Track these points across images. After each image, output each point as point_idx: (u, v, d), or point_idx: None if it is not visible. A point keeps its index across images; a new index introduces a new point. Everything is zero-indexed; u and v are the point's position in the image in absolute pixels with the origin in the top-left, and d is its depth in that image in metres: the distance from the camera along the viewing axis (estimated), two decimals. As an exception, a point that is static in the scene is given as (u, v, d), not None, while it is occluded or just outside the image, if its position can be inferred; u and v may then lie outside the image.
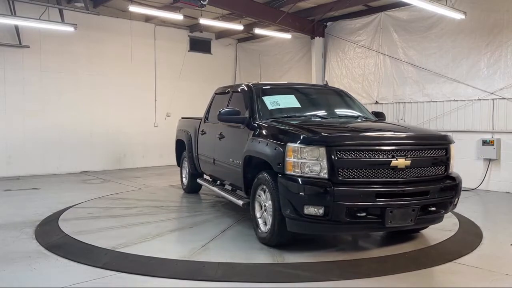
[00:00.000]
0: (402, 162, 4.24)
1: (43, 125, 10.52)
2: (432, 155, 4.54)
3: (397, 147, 4.34)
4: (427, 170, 4.48)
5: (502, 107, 8.32)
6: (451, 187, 4.57)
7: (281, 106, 5.71)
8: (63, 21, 9.62)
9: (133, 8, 9.52)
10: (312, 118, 5.56)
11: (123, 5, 10.46)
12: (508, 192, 8.23)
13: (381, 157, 4.24)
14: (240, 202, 5.41)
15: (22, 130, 10.28)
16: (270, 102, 5.67)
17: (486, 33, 8.48)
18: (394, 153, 4.27)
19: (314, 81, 11.32)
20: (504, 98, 8.26)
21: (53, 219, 5.95)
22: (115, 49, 11.66)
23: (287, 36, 11.74)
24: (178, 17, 10.17)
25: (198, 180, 7.44)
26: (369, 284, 3.80)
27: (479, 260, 4.41)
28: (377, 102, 10.27)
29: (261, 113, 5.39)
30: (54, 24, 9.39)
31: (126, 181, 9.59)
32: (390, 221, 4.16)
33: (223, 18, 10.82)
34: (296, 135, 4.38)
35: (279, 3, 10.38)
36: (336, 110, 6.10)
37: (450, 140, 4.76)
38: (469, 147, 8.53)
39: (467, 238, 5.23)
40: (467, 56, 8.76)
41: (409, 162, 4.28)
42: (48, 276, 3.95)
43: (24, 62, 10.28)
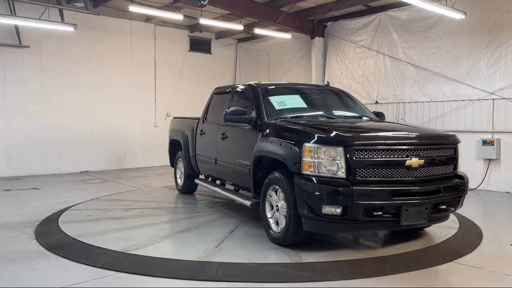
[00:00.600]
0: (415, 162, 4.34)
1: (43, 125, 10.52)
2: (443, 154, 4.66)
3: (411, 146, 4.45)
4: (438, 169, 4.60)
5: (502, 107, 8.32)
6: (460, 186, 4.71)
7: (288, 106, 5.74)
8: (63, 21, 9.62)
9: (133, 8, 9.53)
10: (319, 118, 5.58)
11: (123, 5, 10.46)
12: (508, 192, 8.23)
13: (396, 156, 4.33)
14: (247, 203, 5.39)
15: (22, 130, 10.28)
16: (277, 102, 5.67)
17: (486, 33, 8.48)
18: (408, 153, 4.36)
19: (314, 81, 11.32)
20: (504, 98, 8.26)
21: (53, 219, 5.94)
22: (115, 49, 11.66)
23: (287, 36, 11.74)
24: (178, 17, 10.18)
25: (196, 181, 7.38)
26: (369, 284, 3.80)
27: (479, 260, 4.41)
28: (377, 102, 10.27)
29: (268, 113, 5.38)
30: (54, 24, 9.39)
31: (126, 181, 9.59)
32: (405, 219, 4.24)
33: (223, 18, 10.82)
34: (313, 135, 4.40)
35: (279, 3, 10.38)
36: (340, 110, 6.15)
37: (458, 140, 4.90)
38: (469, 147, 8.53)
39: (467, 238, 5.23)
40: (467, 56, 8.76)
41: (422, 161, 4.38)
42: (48, 276, 3.94)
43: (24, 62, 10.28)
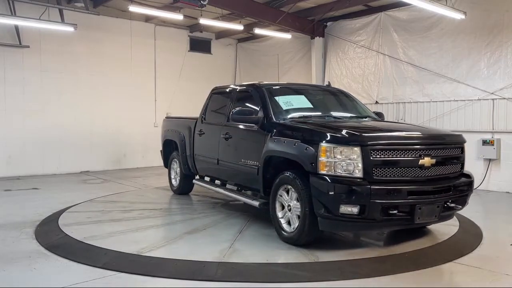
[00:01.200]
0: (428, 161, 4.44)
1: (43, 125, 10.52)
2: (452, 153, 4.80)
3: (424, 146, 4.55)
4: (447, 168, 4.72)
5: (502, 107, 8.32)
6: (468, 184, 4.87)
7: (295, 106, 5.75)
8: (63, 21, 9.62)
9: (133, 8, 9.53)
10: (326, 118, 5.62)
11: (123, 5, 10.46)
12: (508, 192, 8.23)
13: (410, 156, 4.42)
14: (255, 203, 5.40)
15: (22, 130, 10.28)
16: (283, 102, 5.68)
17: (486, 33, 8.48)
18: (421, 152, 4.46)
19: (314, 81, 11.32)
20: (504, 98, 8.26)
21: (53, 219, 5.94)
22: (115, 49, 11.66)
23: (287, 36, 11.74)
24: (178, 17, 10.18)
25: (195, 181, 7.32)
26: (369, 284, 3.80)
27: (479, 260, 4.40)
28: (377, 102, 10.27)
29: (276, 113, 5.38)
30: (54, 24, 9.39)
31: (126, 181, 9.59)
32: (418, 218, 4.34)
33: (223, 18, 10.82)
34: (330, 135, 4.43)
35: (279, 3, 10.38)
36: (344, 110, 6.17)
37: (465, 139, 5.06)
38: (469, 147, 8.41)
39: (467, 238, 5.23)
40: (467, 56, 8.76)
41: (434, 160, 4.49)
42: (48, 276, 3.94)
43: (24, 62, 10.28)
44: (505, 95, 8.25)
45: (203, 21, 10.42)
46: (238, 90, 6.33)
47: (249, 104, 5.78)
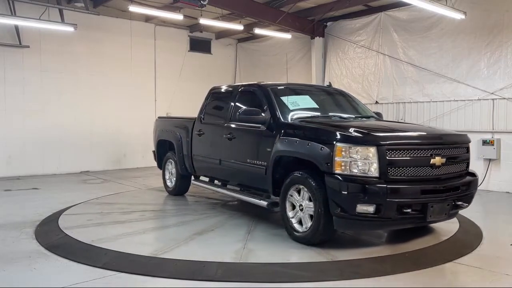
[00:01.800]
0: (439, 160, 4.55)
1: (43, 125, 10.52)
2: (459, 153, 4.94)
3: (434, 145, 4.67)
4: (455, 167, 4.84)
5: (502, 107, 8.32)
6: (473, 182, 5.02)
7: (301, 106, 5.76)
8: (63, 21, 9.62)
9: (133, 8, 9.53)
10: (333, 118, 5.65)
11: (123, 5, 10.46)
12: (508, 192, 8.23)
13: (423, 155, 4.51)
14: (263, 203, 5.41)
15: (22, 130, 10.28)
16: (290, 102, 5.68)
17: (486, 33, 8.48)
18: (432, 152, 4.56)
19: (314, 81, 11.32)
20: (504, 98, 8.26)
21: (53, 219, 5.93)
22: (115, 49, 11.66)
23: (287, 36, 11.74)
24: (178, 17, 10.18)
25: (194, 182, 7.26)
26: (369, 284, 3.80)
27: (479, 260, 4.40)
28: (377, 102, 10.27)
29: (283, 114, 5.39)
30: (54, 24, 9.39)
31: (126, 181, 9.59)
32: (430, 216, 4.44)
33: (223, 18, 10.83)
34: (346, 135, 4.47)
35: (279, 3, 10.38)
36: (348, 110, 6.20)
37: (470, 139, 5.23)
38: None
39: (467, 238, 5.23)
40: (467, 56, 8.76)
41: (444, 160, 4.60)
42: (48, 276, 3.94)
43: (24, 62, 10.28)
44: (505, 95, 8.25)
45: (203, 21, 10.42)
46: (240, 90, 6.29)
47: (251, 104, 5.74)
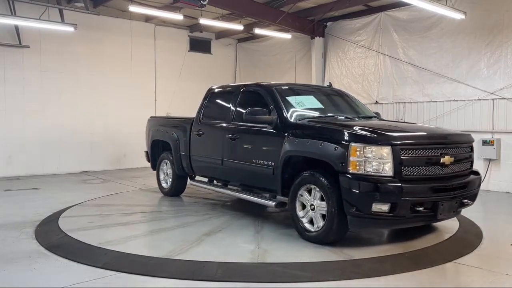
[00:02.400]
0: (448, 159, 4.66)
1: (43, 125, 10.52)
2: (465, 152, 5.07)
3: (444, 145, 4.79)
4: (462, 166, 4.96)
5: (502, 107, 8.32)
6: (478, 180, 5.15)
7: (307, 106, 5.78)
8: (63, 21, 9.62)
9: (133, 8, 9.53)
10: (338, 118, 5.70)
11: (123, 5, 10.46)
12: (508, 192, 8.23)
13: (433, 154, 4.62)
14: (271, 203, 5.43)
15: (22, 130, 10.28)
16: (296, 102, 5.69)
17: (486, 33, 8.48)
18: (442, 151, 4.67)
19: (314, 81, 11.32)
20: (504, 98, 8.26)
21: (53, 219, 5.93)
22: (115, 49, 11.66)
23: (287, 36, 11.74)
24: (178, 17, 10.18)
25: (192, 183, 7.18)
26: (369, 284, 3.80)
27: (479, 260, 4.41)
28: (377, 102, 10.27)
29: (291, 114, 5.39)
30: (54, 24, 9.39)
31: (126, 181, 9.59)
32: (440, 213, 4.54)
33: (223, 18, 10.82)
34: (360, 135, 4.53)
35: (279, 3, 10.38)
36: (350, 110, 6.21)
37: (473, 139, 5.37)
38: (469, 147, 8.52)
39: (467, 238, 5.24)
40: (467, 56, 8.76)
41: (452, 159, 4.72)
42: (48, 276, 3.94)
43: (24, 62, 10.28)
44: (505, 95, 8.25)
45: (203, 21, 10.42)
46: (242, 90, 6.25)
47: (254, 104, 5.69)
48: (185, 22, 12.28)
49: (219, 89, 6.93)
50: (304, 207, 4.96)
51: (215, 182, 6.88)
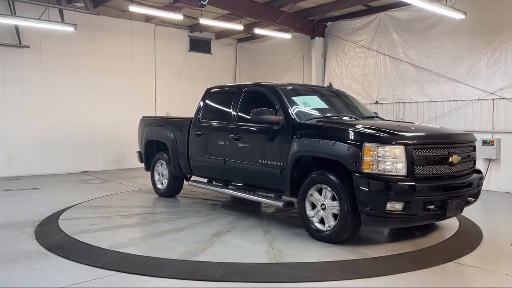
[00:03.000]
0: (455, 158, 4.76)
1: (43, 125, 10.52)
2: (469, 151, 5.18)
3: (452, 144, 4.91)
4: (467, 165, 5.08)
5: (502, 107, 8.32)
6: (481, 179, 5.28)
7: (312, 106, 5.79)
8: (63, 21, 9.62)
9: (133, 8, 9.53)
10: (343, 118, 5.74)
11: (123, 5, 10.46)
12: (508, 192, 8.23)
13: (443, 153, 4.73)
14: (279, 204, 5.45)
15: (22, 130, 10.28)
16: (301, 102, 5.69)
17: (486, 33, 8.48)
18: (450, 150, 4.79)
19: (314, 81, 11.32)
20: (504, 98, 8.26)
21: (53, 219, 5.93)
22: (115, 49, 11.66)
23: (287, 36, 11.74)
24: (178, 17, 10.18)
25: (191, 183, 7.12)
26: (369, 284, 3.80)
27: (479, 260, 4.41)
28: (377, 102, 10.27)
29: (298, 114, 5.39)
30: (54, 24, 9.39)
31: (126, 181, 9.59)
32: (449, 211, 4.63)
33: (223, 18, 10.82)
34: (374, 135, 4.59)
35: (279, 3, 10.38)
36: (353, 110, 6.23)
37: (476, 138, 5.51)
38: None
39: (467, 238, 5.23)
40: (467, 56, 8.76)
41: (459, 158, 4.82)
42: (48, 276, 3.94)
43: (24, 62, 10.28)
44: (505, 95, 8.25)
45: (203, 21, 10.42)
46: (245, 90, 6.20)
47: (256, 104, 5.65)
48: (185, 22, 12.28)
49: (218, 89, 6.89)
50: (313, 206, 4.98)
51: (214, 182, 6.81)
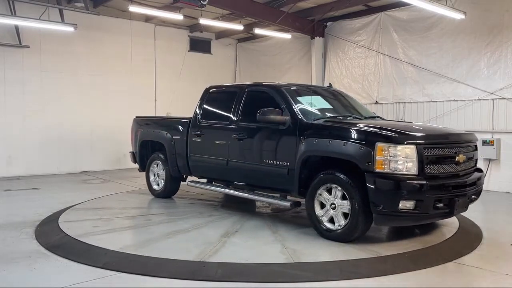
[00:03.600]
0: (462, 157, 4.89)
1: (43, 125, 10.52)
2: (472, 150, 5.29)
3: (459, 144, 5.02)
4: (470, 164, 5.19)
5: (502, 107, 8.33)
6: (483, 177, 5.40)
7: (317, 106, 5.80)
8: (63, 21, 9.62)
9: (133, 8, 9.53)
10: (348, 118, 5.78)
11: (123, 5, 10.46)
12: (508, 192, 8.23)
13: (451, 153, 4.86)
14: (287, 203, 5.46)
15: (22, 130, 10.28)
16: (306, 102, 5.70)
17: (486, 33, 8.48)
18: (457, 150, 4.91)
19: (314, 81, 11.32)
20: (504, 98, 8.26)
21: (53, 219, 5.92)
22: (115, 49, 11.67)
23: (287, 36, 11.74)
24: (178, 17, 10.18)
25: (190, 183, 7.04)
26: (369, 284, 3.80)
27: (479, 260, 4.41)
28: (377, 102, 10.27)
29: (305, 114, 5.41)
30: (54, 24, 9.39)
31: (126, 181, 9.58)
32: (456, 209, 4.71)
33: (223, 18, 10.82)
34: (387, 135, 4.66)
35: (279, 3, 10.38)
36: (355, 110, 6.25)
37: (477, 138, 5.65)
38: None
39: (467, 238, 5.24)
40: (467, 56, 8.76)
41: (465, 157, 4.93)
42: (48, 276, 3.95)
43: (24, 62, 10.29)
44: (505, 95, 8.25)
45: (203, 21, 10.42)
46: (247, 90, 6.17)
47: (260, 104, 5.60)
48: (185, 22, 12.28)
49: (218, 89, 6.87)
50: (322, 206, 5.00)
51: (213, 182, 6.77)
